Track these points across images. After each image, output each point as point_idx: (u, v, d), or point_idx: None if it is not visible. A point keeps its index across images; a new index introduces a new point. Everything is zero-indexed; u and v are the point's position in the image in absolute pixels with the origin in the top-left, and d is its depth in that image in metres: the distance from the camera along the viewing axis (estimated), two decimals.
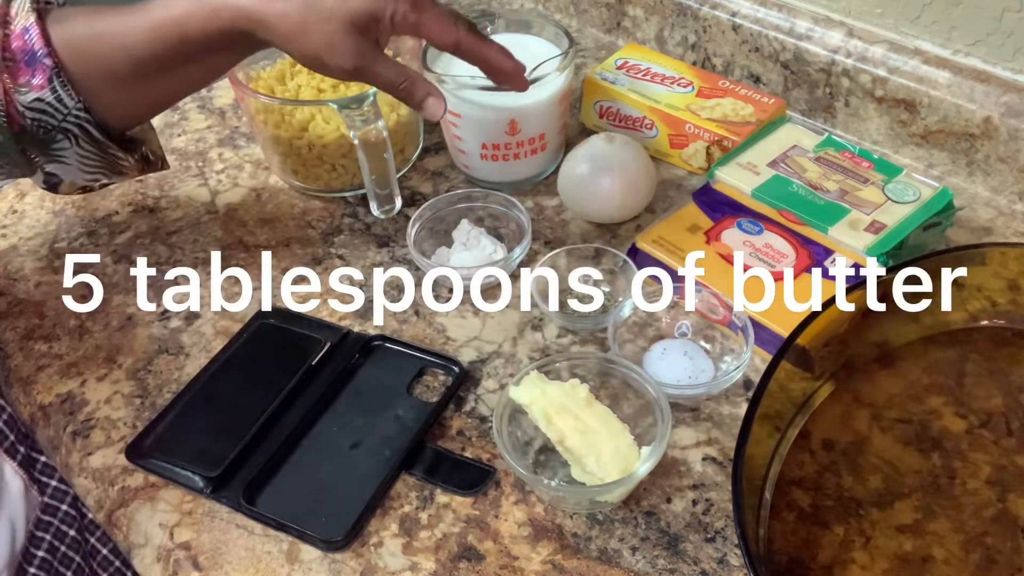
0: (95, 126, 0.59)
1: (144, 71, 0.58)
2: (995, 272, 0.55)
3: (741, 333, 0.58)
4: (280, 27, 0.56)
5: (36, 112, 0.57)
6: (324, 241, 0.72)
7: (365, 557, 0.51)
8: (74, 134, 0.59)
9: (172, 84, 0.62)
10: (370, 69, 0.58)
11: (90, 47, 0.57)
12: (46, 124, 0.58)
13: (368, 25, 0.57)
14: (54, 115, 0.58)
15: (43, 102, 0.57)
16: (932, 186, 0.65)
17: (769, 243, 0.63)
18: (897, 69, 0.71)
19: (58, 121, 0.58)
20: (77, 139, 0.60)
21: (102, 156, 0.62)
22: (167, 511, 0.55)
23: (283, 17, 0.55)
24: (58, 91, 0.57)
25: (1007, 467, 0.50)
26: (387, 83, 0.59)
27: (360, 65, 0.57)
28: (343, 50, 0.56)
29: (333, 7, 0.55)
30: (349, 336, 0.63)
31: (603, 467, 0.51)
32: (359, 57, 0.57)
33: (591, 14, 0.92)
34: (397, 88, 0.59)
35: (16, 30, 0.56)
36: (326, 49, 0.56)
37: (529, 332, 0.63)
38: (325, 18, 0.55)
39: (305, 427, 0.58)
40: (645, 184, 0.69)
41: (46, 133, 0.59)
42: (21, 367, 0.64)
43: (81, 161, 0.62)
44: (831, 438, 0.52)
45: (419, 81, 0.59)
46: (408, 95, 0.60)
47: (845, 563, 0.47)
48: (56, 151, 0.60)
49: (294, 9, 0.55)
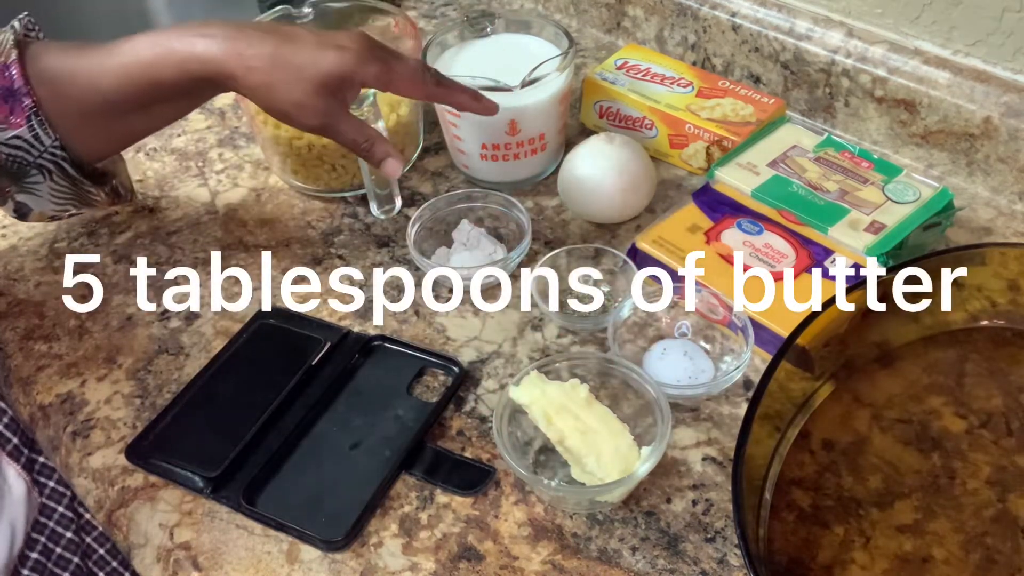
0: (70, 163, 0.60)
1: (116, 110, 0.59)
2: (995, 272, 0.55)
3: (741, 333, 0.58)
4: (248, 82, 0.56)
5: (12, 148, 0.58)
6: (324, 241, 0.72)
7: (365, 557, 0.51)
8: (48, 170, 0.60)
9: (144, 121, 0.62)
10: (334, 128, 0.59)
11: (64, 86, 0.57)
12: (21, 160, 0.59)
13: (338, 87, 0.57)
14: (30, 151, 0.58)
15: (21, 139, 0.57)
16: (932, 186, 0.65)
17: (769, 243, 0.63)
18: (897, 69, 0.71)
19: (34, 157, 0.58)
20: (51, 174, 0.60)
21: (74, 190, 0.63)
22: (167, 511, 0.55)
23: (252, 71, 0.56)
24: (36, 129, 0.57)
25: (1007, 467, 0.50)
26: (348, 142, 0.60)
27: (325, 123, 0.59)
28: (310, 110, 0.57)
29: (302, 66, 0.56)
30: (349, 336, 0.63)
31: (603, 467, 0.51)
32: (324, 116, 0.58)
33: (591, 14, 0.92)
34: (358, 147, 0.60)
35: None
36: (293, 107, 0.57)
37: (529, 332, 0.63)
38: (294, 77, 0.56)
39: (305, 427, 0.58)
40: (645, 184, 0.69)
41: (20, 168, 0.59)
42: (21, 367, 0.64)
43: (53, 194, 0.62)
44: (831, 438, 0.52)
45: (379, 142, 0.60)
46: (368, 155, 0.61)
47: (845, 563, 0.47)
48: (29, 184, 0.61)
49: (263, 65, 0.55)
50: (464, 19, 0.76)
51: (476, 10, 0.95)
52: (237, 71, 0.55)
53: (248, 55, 0.55)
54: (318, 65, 0.56)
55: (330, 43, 0.57)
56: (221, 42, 0.55)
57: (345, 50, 0.57)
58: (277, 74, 0.55)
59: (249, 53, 0.55)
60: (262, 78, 0.56)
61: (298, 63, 0.56)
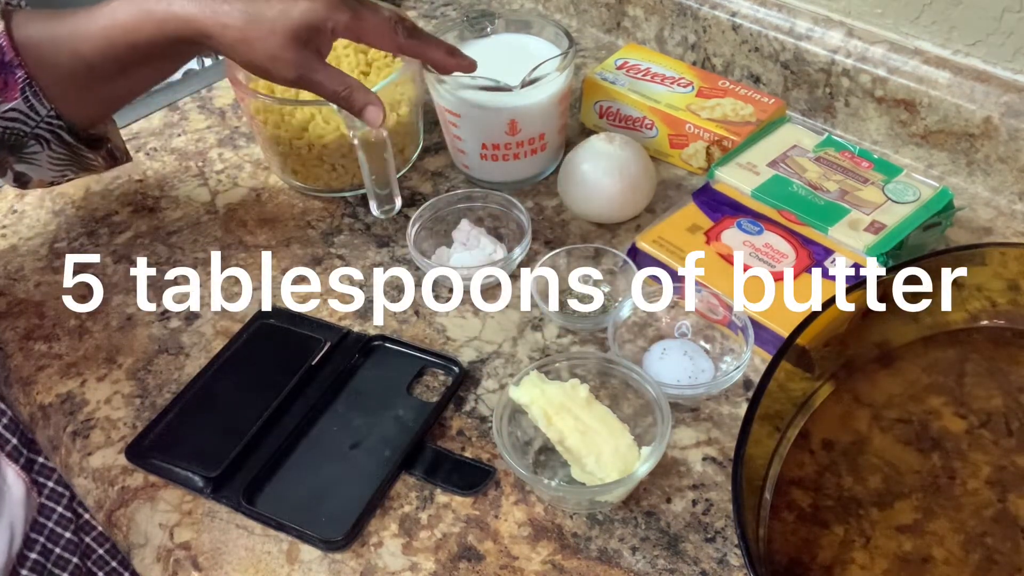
0: (67, 131, 0.61)
1: (98, 74, 0.59)
2: (995, 272, 0.55)
3: (741, 333, 0.58)
4: (224, 38, 0.57)
5: (8, 121, 0.58)
6: (324, 241, 0.72)
7: (365, 557, 0.51)
8: (46, 139, 0.60)
9: (127, 85, 0.63)
10: (311, 78, 0.59)
11: (48, 54, 0.58)
12: (18, 131, 0.59)
13: (309, 36, 0.58)
14: (26, 123, 0.59)
15: (16, 111, 0.58)
16: (932, 186, 0.65)
17: (769, 243, 0.63)
18: (897, 69, 0.71)
19: (31, 128, 0.59)
20: (48, 143, 0.61)
21: (72, 156, 0.63)
22: (167, 511, 0.55)
23: (226, 28, 0.56)
24: (31, 100, 0.58)
25: (1007, 467, 0.50)
26: (328, 92, 0.60)
27: (301, 74, 0.59)
28: (285, 61, 0.58)
29: (274, 19, 0.57)
30: (349, 336, 0.63)
31: (603, 467, 0.51)
32: (300, 67, 0.58)
33: (591, 14, 0.92)
34: (338, 96, 0.60)
35: None
36: (268, 60, 0.58)
37: (529, 332, 0.63)
38: (267, 30, 0.57)
39: (305, 427, 0.58)
40: (645, 184, 0.69)
41: (18, 139, 0.60)
42: (21, 367, 0.64)
43: (51, 161, 0.63)
44: (831, 438, 0.52)
45: (358, 90, 0.60)
46: (348, 103, 0.61)
47: (845, 563, 0.47)
48: (27, 154, 0.61)
49: (236, 21, 0.56)
50: (464, 19, 0.76)
51: (476, 10, 0.95)
52: (213, 28, 0.56)
53: (222, 12, 0.56)
54: (289, 17, 0.57)
55: None
56: (196, 1, 0.56)
57: (315, 0, 0.58)
58: (251, 29, 0.56)
59: (223, 10, 0.56)
60: (236, 34, 0.57)
61: (270, 16, 0.57)
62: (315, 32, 0.58)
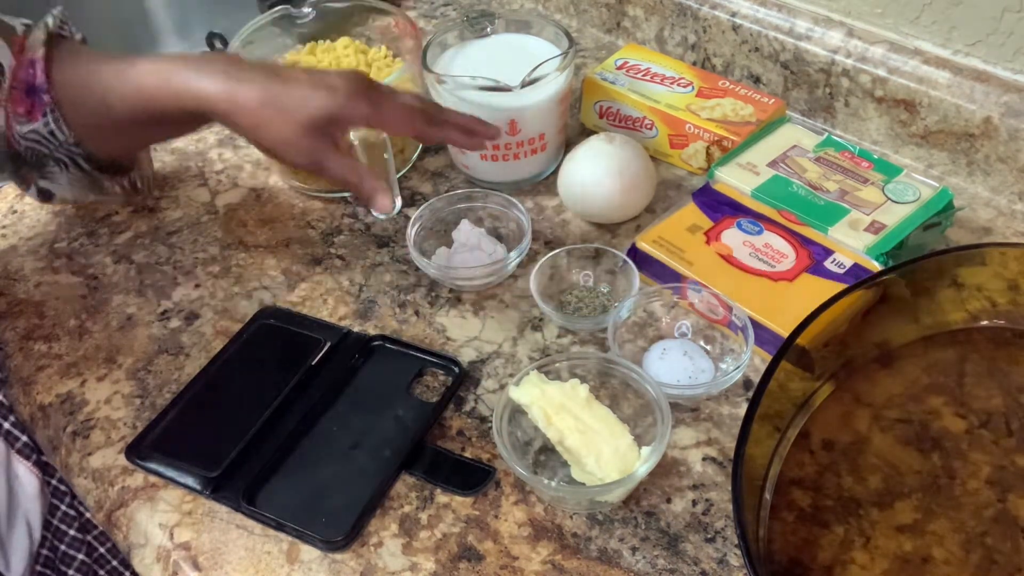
0: (84, 159, 0.61)
1: (121, 126, 0.60)
2: (995, 272, 0.55)
3: (741, 333, 0.58)
4: (240, 120, 0.57)
5: (30, 141, 0.59)
6: (324, 241, 0.72)
7: (365, 557, 0.51)
8: (64, 163, 0.61)
9: (148, 137, 0.66)
10: (322, 165, 0.59)
11: (80, 95, 0.59)
12: (39, 151, 0.60)
13: (326, 126, 0.58)
14: (46, 145, 0.60)
15: (38, 133, 0.59)
16: (932, 186, 0.65)
17: (769, 243, 0.63)
18: (897, 69, 0.71)
19: (50, 151, 0.60)
20: (67, 167, 0.62)
21: (91, 182, 0.64)
22: (167, 511, 0.55)
23: (243, 111, 0.57)
24: (51, 125, 0.59)
25: (1007, 467, 0.50)
26: (339, 180, 0.61)
27: (314, 162, 0.59)
28: (298, 148, 0.58)
29: (292, 107, 0.57)
30: (349, 336, 0.63)
31: (603, 467, 0.51)
32: (313, 155, 0.59)
33: (591, 14, 0.92)
34: (348, 184, 0.61)
35: (24, 61, 0.58)
36: (283, 145, 0.58)
37: (529, 332, 0.63)
38: (284, 118, 0.57)
39: (305, 427, 0.58)
40: (645, 184, 0.69)
41: (39, 159, 0.61)
42: (21, 367, 0.64)
43: (71, 183, 0.64)
44: (831, 438, 0.52)
45: (367, 179, 0.60)
46: (357, 191, 0.61)
47: (845, 563, 0.47)
48: (48, 172, 0.62)
49: (255, 104, 0.57)
50: (464, 19, 0.76)
51: (476, 10, 0.95)
52: (229, 109, 0.57)
53: (240, 94, 0.57)
54: (307, 106, 0.57)
55: (321, 83, 0.58)
56: (216, 80, 0.57)
57: (335, 91, 0.58)
58: (266, 114, 0.57)
59: (242, 92, 0.57)
60: (252, 117, 0.57)
61: (287, 104, 0.57)
62: (332, 122, 0.58)
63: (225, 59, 0.59)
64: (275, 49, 0.79)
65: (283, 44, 0.79)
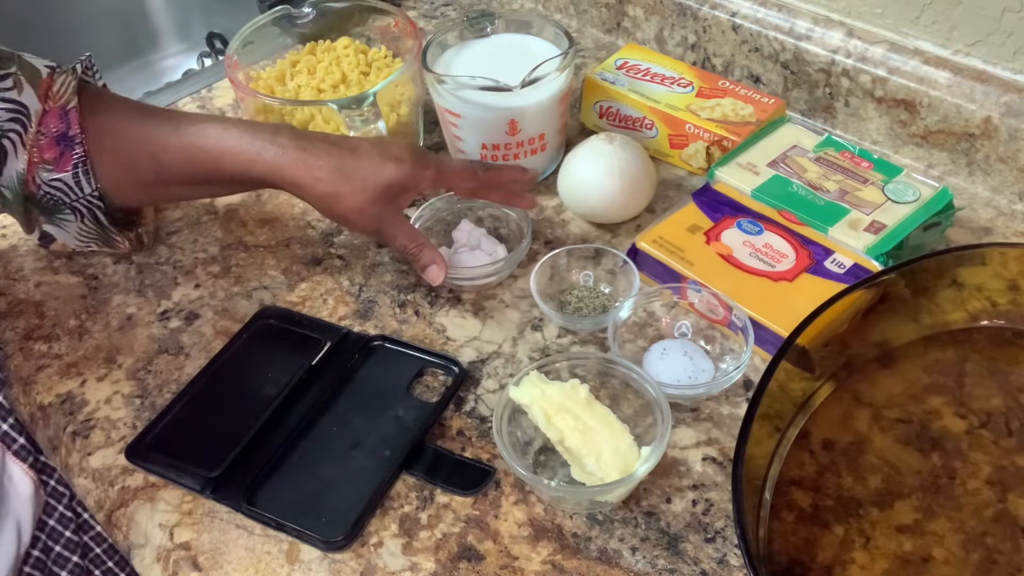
0: (103, 212, 0.62)
1: (168, 181, 0.62)
2: (995, 272, 0.55)
3: (741, 333, 0.58)
4: (313, 192, 0.59)
5: (53, 189, 0.60)
6: (324, 241, 0.72)
7: (365, 557, 0.51)
8: (81, 213, 0.62)
9: (190, 193, 0.67)
10: (389, 232, 0.62)
11: (121, 146, 0.60)
12: (58, 200, 0.61)
13: (396, 194, 0.61)
14: (68, 194, 0.60)
15: (63, 183, 0.60)
16: (932, 186, 0.65)
17: (769, 243, 0.63)
18: (897, 69, 0.71)
19: (71, 200, 0.61)
20: (83, 217, 0.62)
21: (100, 233, 0.65)
22: (167, 511, 0.55)
23: (317, 182, 0.59)
24: (79, 177, 0.59)
25: (1007, 467, 0.50)
26: (400, 247, 0.62)
27: (381, 228, 0.62)
28: (369, 215, 0.60)
29: (366, 178, 0.59)
30: (349, 336, 0.63)
31: (603, 467, 0.51)
32: (381, 221, 0.61)
33: (591, 14, 0.92)
34: (407, 252, 0.62)
35: (55, 108, 0.59)
36: (355, 214, 0.60)
37: (529, 332, 0.63)
38: (358, 188, 0.59)
39: (305, 427, 0.58)
40: (645, 184, 0.69)
41: (56, 206, 0.61)
42: (21, 367, 0.64)
43: (79, 232, 0.65)
44: (831, 438, 0.52)
45: (427, 249, 0.62)
46: (415, 260, 0.63)
47: (845, 563, 0.47)
48: (60, 219, 0.63)
49: (328, 177, 0.59)
50: (464, 19, 0.76)
51: (476, 10, 0.95)
52: (305, 181, 0.59)
53: (316, 167, 0.59)
54: (380, 176, 0.59)
55: (388, 155, 0.60)
56: (291, 152, 0.59)
57: (402, 161, 0.60)
58: (342, 185, 0.59)
59: (316, 165, 0.59)
60: (328, 188, 0.59)
61: (362, 174, 0.59)
62: (403, 190, 0.61)
63: (290, 129, 0.61)
64: (275, 49, 0.79)
65: (283, 44, 0.80)
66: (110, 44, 1.11)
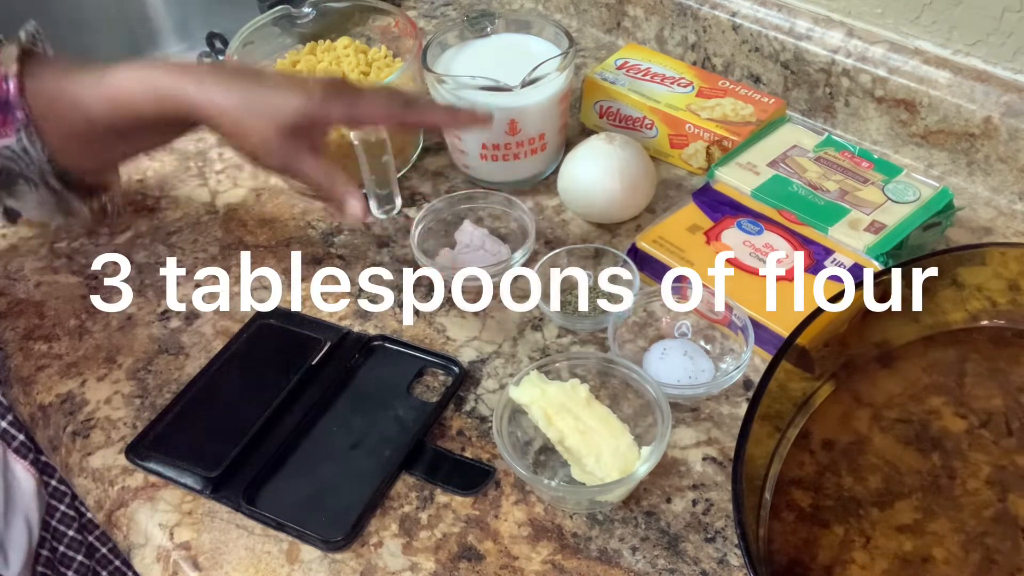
0: (55, 176, 0.60)
1: (99, 135, 0.60)
2: (995, 272, 0.55)
3: (741, 333, 0.58)
4: (219, 123, 0.58)
5: (4, 158, 0.59)
6: (324, 241, 0.72)
7: (365, 557, 0.51)
8: (34, 181, 0.60)
9: (125, 147, 0.64)
10: (296, 168, 0.59)
11: (55, 105, 0.58)
12: (11, 169, 0.59)
13: (303, 128, 0.58)
14: (17, 162, 0.59)
15: (11, 150, 0.58)
16: (932, 186, 0.65)
17: (769, 243, 0.63)
18: (897, 69, 0.71)
19: (21, 169, 0.59)
20: (37, 186, 0.61)
21: (60, 202, 0.63)
22: (167, 511, 0.55)
23: (222, 113, 0.57)
24: (24, 142, 0.58)
25: (1007, 467, 0.50)
26: (311, 184, 0.60)
27: (287, 165, 0.59)
28: (274, 150, 0.58)
29: (269, 111, 0.57)
30: (349, 336, 0.63)
31: (603, 467, 0.51)
32: (286, 158, 0.59)
33: (591, 14, 0.92)
34: (320, 188, 0.60)
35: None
36: (260, 148, 0.58)
37: (529, 332, 0.63)
38: (262, 122, 0.57)
39: (305, 427, 0.58)
40: (645, 184, 0.69)
41: (9, 177, 0.60)
42: (21, 367, 0.64)
43: (39, 203, 0.63)
44: (831, 438, 0.52)
45: (339, 184, 0.60)
46: (328, 195, 0.61)
47: (845, 563, 0.47)
48: (17, 191, 0.61)
49: (232, 107, 0.57)
50: (464, 19, 0.76)
51: (476, 10, 0.95)
52: (209, 112, 0.57)
53: (219, 97, 0.57)
54: (284, 108, 0.57)
55: (297, 86, 0.58)
56: (197, 84, 0.57)
57: (310, 93, 0.58)
58: (245, 116, 0.57)
59: (221, 95, 0.57)
60: (232, 121, 0.57)
61: (266, 108, 0.57)
62: (309, 124, 0.58)
63: (207, 66, 0.59)
64: (275, 49, 0.79)
65: (283, 44, 0.79)
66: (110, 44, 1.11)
